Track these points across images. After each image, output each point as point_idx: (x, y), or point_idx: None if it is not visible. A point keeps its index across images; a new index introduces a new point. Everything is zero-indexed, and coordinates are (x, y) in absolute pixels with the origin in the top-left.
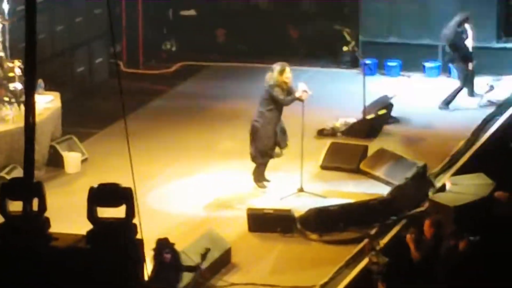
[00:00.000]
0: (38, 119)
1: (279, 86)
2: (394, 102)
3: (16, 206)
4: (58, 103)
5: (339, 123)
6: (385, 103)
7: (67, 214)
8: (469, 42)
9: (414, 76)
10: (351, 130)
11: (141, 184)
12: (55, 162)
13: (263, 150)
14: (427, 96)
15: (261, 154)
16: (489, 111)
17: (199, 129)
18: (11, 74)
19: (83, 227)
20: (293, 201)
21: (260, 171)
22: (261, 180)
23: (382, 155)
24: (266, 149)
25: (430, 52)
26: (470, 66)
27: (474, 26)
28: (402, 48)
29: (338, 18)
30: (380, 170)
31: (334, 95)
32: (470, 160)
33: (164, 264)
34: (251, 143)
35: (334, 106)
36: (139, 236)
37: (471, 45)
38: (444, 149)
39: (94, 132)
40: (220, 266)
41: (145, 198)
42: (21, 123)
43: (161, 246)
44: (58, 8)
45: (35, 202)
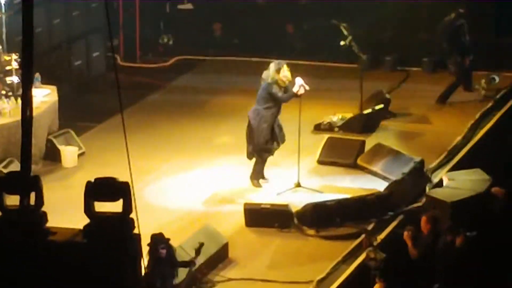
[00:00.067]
0: (35, 112)
1: (276, 84)
2: (391, 97)
3: (13, 200)
4: (55, 97)
5: (336, 117)
6: (382, 98)
7: (64, 208)
8: (466, 36)
9: (411, 71)
10: (348, 125)
11: (138, 179)
12: (52, 156)
13: (258, 148)
14: (424, 91)
15: (257, 152)
16: (486, 106)
17: (196, 123)
18: (8, 68)
19: (80, 221)
20: (290, 196)
21: (259, 168)
22: (258, 178)
23: (379, 150)
24: (261, 147)
25: (427, 47)
26: (467, 61)
27: (471, 21)
28: (399, 43)
29: (335, 13)
30: (377, 165)
31: (331, 90)
32: (467, 156)
33: (159, 260)
34: (247, 141)
35: (331, 101)
36: (136, 231)
37: (467, 40)
38: (441, 144)
39: (91, 126)
40: (217, 261)
41: (142, 192)
42: (18, 116)
43: (156, 241)
44: (55, 2)
45: (32, 196)
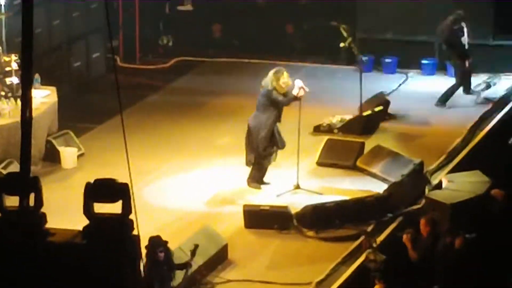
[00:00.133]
0: (35, 113)
1: (276, 90)
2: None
3: (12, 201)
4: (54, 98)
5: (335, 119)
6: (382, 100)
7: (63, 209)
8: (465, 39)
9: (411, 73)
10: (348, 127)
11: (138, 180)
12: (52, 157)
13: (258, 154)
14: (423, 93)
15: (256, 158)
16: (485, 108)
17: (195, 124)
18: (7, 69)
19: (79, 222)
20: (289, 197)
21: (260, 175)
22: (259, 183)
23: (379, 152)
24: (261, 154)
25: (426, 49)
26: (467, 64)
27: (470, 23)
28: (399, 45)
29: (335, 14)
30: (377, 167)
31: (330, 91)
32: (466, 158)
33: (157, 263)
34: (246, 149)
35: (331, 103)
36: (136, 232)
37: (467, 43)
38: (441, 146)
39: (91, 127)
40: (217, 262)
41: (142, 193)
42: (18, 117)
43: (154, 244)
44: (55, 2)
45: (32, 197)
